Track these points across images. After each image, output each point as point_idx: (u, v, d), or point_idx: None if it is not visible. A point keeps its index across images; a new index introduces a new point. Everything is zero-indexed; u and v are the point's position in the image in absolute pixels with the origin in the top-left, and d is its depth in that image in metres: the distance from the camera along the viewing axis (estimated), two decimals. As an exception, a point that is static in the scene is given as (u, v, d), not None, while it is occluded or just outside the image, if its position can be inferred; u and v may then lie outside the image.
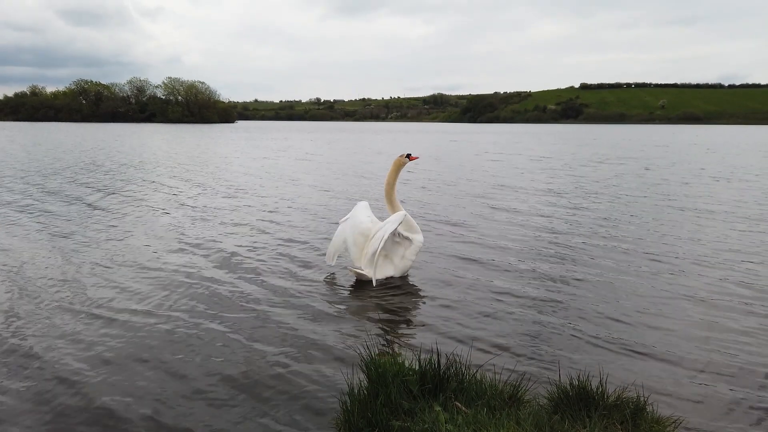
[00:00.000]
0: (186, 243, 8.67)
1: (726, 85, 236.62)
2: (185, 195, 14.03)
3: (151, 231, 9.60)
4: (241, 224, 10.21)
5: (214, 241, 8.84)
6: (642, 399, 3.22)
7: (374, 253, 6.41)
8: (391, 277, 6.75)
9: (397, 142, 48.27)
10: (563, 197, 13.87)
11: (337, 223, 7.33)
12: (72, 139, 43.41)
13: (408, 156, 7.14)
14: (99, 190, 14.72)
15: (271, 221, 10.51)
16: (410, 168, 20.88)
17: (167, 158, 26.11)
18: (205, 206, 12.24)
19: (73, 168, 20.74)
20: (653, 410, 3.22)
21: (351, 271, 6.70)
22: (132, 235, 9.24)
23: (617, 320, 5.46)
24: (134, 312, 5.66)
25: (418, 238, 6.83)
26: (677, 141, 50.36)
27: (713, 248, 8.43)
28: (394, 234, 6.59)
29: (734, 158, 28.15)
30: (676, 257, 7.90)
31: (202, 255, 7.94)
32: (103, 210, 11.67)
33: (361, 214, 6.98)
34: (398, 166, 7.10)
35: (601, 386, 3.28)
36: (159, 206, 12.22)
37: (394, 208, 6.97)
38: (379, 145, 42.11)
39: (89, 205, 12.35)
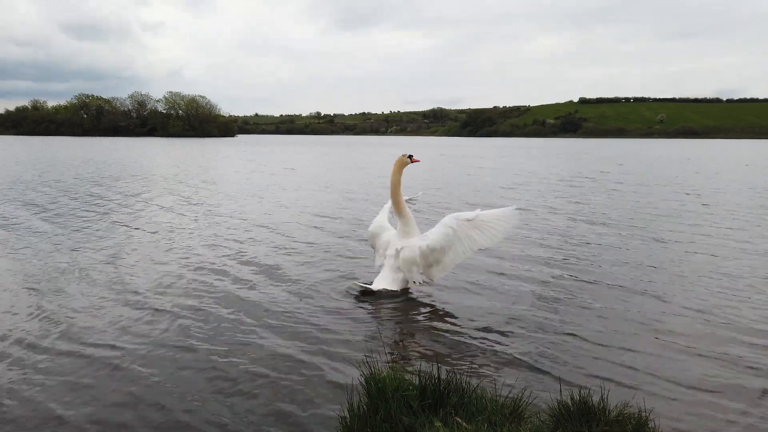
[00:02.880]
0: (175, 260, 8.65)
1: (724, 99, 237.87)
2: (172, 209, 14.04)
3: (134, 247, 9.59)
4: (228, 239, 10.20)
5: (203, 257, 8.83)
6: (644, 415, 3.20)
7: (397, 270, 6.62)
8: (394, 291, 6.73)
9: (386, 155, 47.97)
10: (559, 213, 13.87)
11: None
12: (72, 154, 43.52)
13: (410, 157, 7.11)
14: (81, 206, 14.73)
15: (259, 237, 10.51)
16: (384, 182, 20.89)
17: (162, 173, 26.16)
18: (188, 222, 12.24)
19: (62, 183, 20.77)
20: (655, 426, 3.20)
21: (356, 285, 6.74)
22: (122, 252, 9.23)
23: (618, 335, 5.45)
24: (130, 325, 5.65)
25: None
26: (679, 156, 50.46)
27: (715, 263, 8.42)
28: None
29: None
30: (676, 271, 7.90)
31: (193, 272, 7.92)
32: (83, 230, 11.67)
33: (383, 219, 7.30)
34: (400, 166, 7.03)
35: (603, 402, 3.26)
36: (147, 220, 12.23)
37: (400, 210, 6.86)
38: (365, 159, 42.05)
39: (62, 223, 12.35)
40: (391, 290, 6.67)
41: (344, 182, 21.89)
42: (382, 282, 6.69)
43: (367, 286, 6.65)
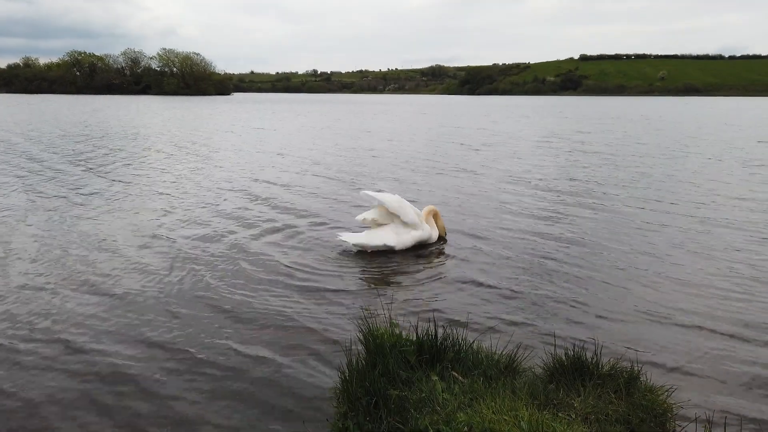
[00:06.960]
0: (162, 227, 8.66)
1: (726, 56, 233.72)
2: (148, 175, 13.97)
3: (118, 213, 9.57)
4: (224, 200, 10.19)
5: (200, 221, 8.84)
6: (636, 368, 3.27)
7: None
8: (392, 248, 6.78)
9: (363, 114, 46.98)
10: (553, 170, 13.84)
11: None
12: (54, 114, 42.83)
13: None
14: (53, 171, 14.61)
15: (258, 198, 10.50)
16: (376, 145, 20.76)
17: (140, 133, 25.88)
18: (168, 187, 12.19)
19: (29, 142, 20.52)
20: (647, 379, 3.28)
21: (339, 240, 6.81)
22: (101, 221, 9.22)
23: (612, 292, 5.52)
24: (120, 295, 5.70)
25: (422, 231, 7.03)
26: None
27: (706, 217, 8.46)
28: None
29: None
30: (669, 226, 7.94)
31: (186, 237, 7.94)
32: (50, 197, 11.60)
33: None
34: (429, 213, 7.30)
35: (596, 356, 3.33)
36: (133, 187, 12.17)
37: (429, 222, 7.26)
38: (347, 118, 41.47)
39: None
40: (386, 245, 6.78)
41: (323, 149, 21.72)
42: (378, 235, 6.83)
43: (348, 241, 6.77)
